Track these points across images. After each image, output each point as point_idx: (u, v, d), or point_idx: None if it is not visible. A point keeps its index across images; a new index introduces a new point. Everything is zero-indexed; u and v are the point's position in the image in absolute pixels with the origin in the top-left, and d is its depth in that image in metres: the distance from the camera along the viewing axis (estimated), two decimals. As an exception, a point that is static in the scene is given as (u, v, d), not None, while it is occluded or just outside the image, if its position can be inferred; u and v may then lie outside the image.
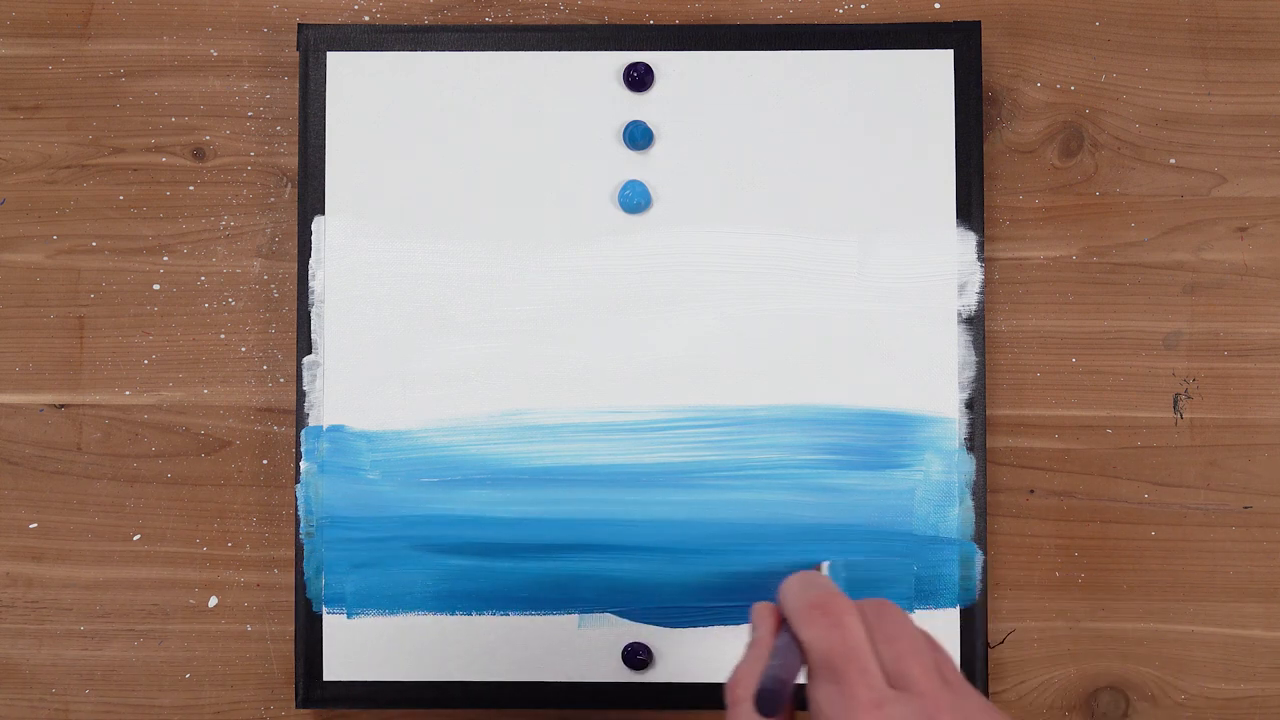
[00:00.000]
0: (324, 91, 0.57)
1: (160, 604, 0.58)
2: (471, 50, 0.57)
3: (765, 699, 0.37)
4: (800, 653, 0.39)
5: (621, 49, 0.57)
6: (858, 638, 0.37)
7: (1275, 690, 0.57)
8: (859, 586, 0.56)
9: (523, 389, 0.56)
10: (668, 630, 0.56)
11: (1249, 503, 0.57)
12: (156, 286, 0.58)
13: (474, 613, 0.56)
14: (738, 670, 0.40)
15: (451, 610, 0.56)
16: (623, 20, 0.59)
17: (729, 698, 0.39)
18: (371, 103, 0.57)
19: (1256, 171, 0.58)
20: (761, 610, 0.42)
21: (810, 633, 0.38)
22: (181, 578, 0.58)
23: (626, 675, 0.56)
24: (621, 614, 0.56)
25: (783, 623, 0.40)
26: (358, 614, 0.56)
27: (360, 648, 0.56)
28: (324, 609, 0.56)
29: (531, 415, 0.56)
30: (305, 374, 0.56)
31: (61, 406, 0.58)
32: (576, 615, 0.56)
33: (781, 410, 0.56)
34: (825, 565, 0.53)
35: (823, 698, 0.37)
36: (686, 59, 0.57)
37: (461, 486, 0.56)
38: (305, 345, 0.56)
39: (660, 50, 0.57)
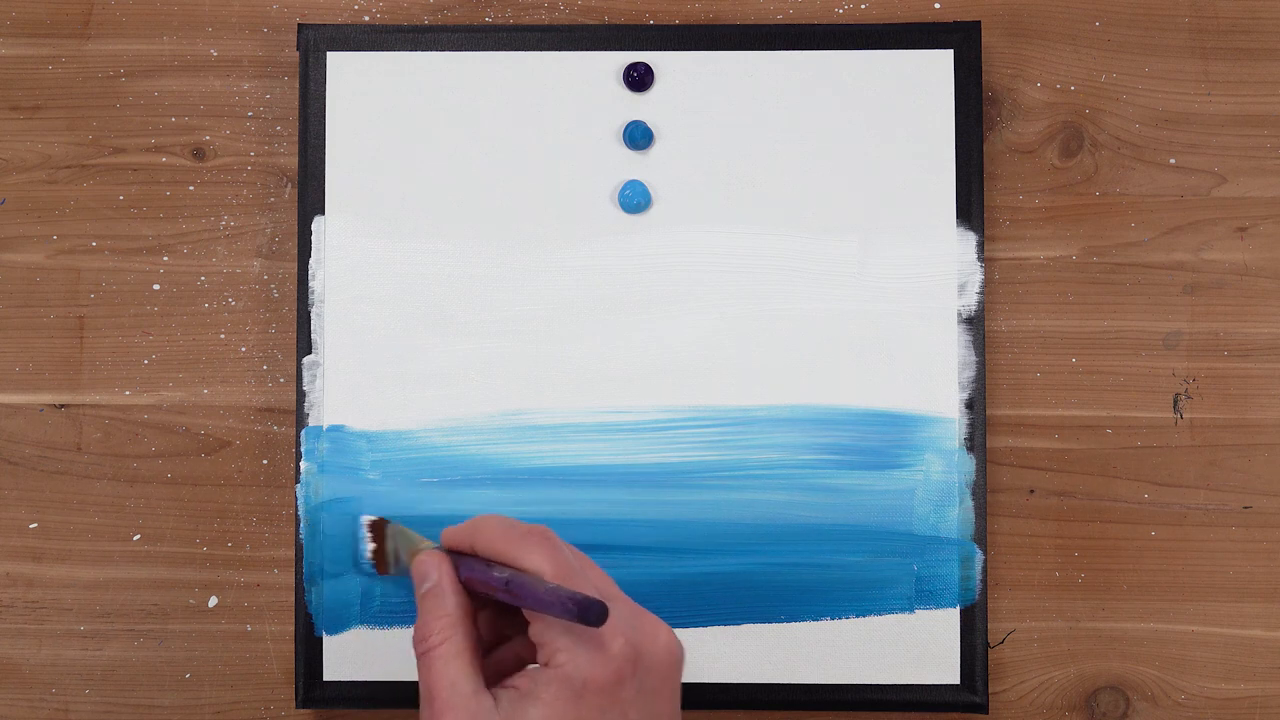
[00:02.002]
0: (324, 91, 0.57)
1: (160, 604, 0.58)
2: (471, 50, 0.57)
3: (593, 605, 0.38)
4: (528, 574, 0.40)
5: (621, 49, 0.57)
6: (572, 560, 0.41)
7: (1275, 690, 0.57)
8: (858, 587, 0.56)
9: (523, 389, 0.56)
10: (668, 630, 0.56)
11: (1249, 503, 0.57)
12: (156, 286, 0.58)
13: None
14: (424, 620, 0.40)
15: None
16: (623, 20, 0.59)
17: (420, 649, 0.40)
18: (371, 103, 0.57)
19: (1256, 171, 0.58)
20: (429, 558, 0.42)
21: (536, 557, 0.40)
22: (181, 578, 0.58)
23: (626, 675, 0.56)
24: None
25: (456, 565, 0.41)
26: (357, 627, 0.56)
27: (360, 648, 0.56)
28: (324, 634, 0.56)
29: (531, 415, 0.56)
30: (305, 374, 0.56)
31: (61, 406, 0.58)
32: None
33: (781, 410, 0.56)
34: (374, 518, 0.48)
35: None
36: (686, 59, 0.57)
37: (461, 486, 0.56)
38: (305, 345, 0.56)
39: (660, 50, 0.57)
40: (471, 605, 0.41)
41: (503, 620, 0.44)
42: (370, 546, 0.45)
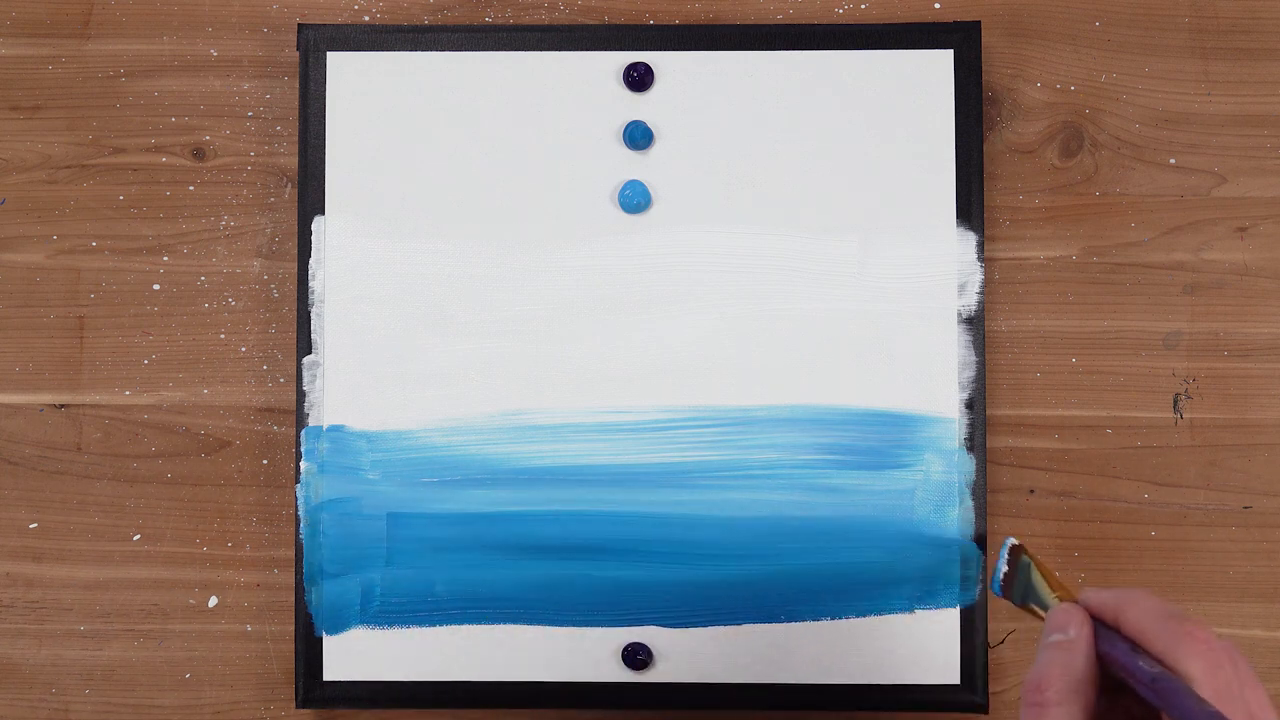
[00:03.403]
0: (324, 91, 0.57)
1: (160, 604, 0.58)
2: (471, 50, 0.57)
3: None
4: (1174, 677, 0.36)
5: (621, 49, 0.57)
6: (1235, 682, 0.36)
7: (1275, 690, 0.57)
8: (858, 587, 0.56)
9: (523, 389, 0.56)
10: (668, 630, 0.56)
11: (1249, 503, 0.57)
12: (156, 286, 0.58)
13: (473, 613, 0.56)
14: (1048, 670, 0.37)
15: (451, 610, 0.56)
16: (623, 20, 0.59)
17: (1034, 699, 0.37)
18: (371, 103, 0.57)
19: (1256, 171, 0.58)
20: (1072, 612, 0.39)
21: (1197, 667, 0.36)
22: (181, 578, 0.58)
23: (626, 675, 0.56)
24: (622, 614, 0.56)
25: (1098, 630, 0.38)
26: (357, 627, 0.56)
27: (360, 648, 0.56)
28: (324, 634, 0.56)
29: (531, 415, 0.56)
30: (305, 374, 0.56)
31: (61, 406, 0.58)
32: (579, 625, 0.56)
33: (781, 410, 0.56)
34: (1018, 543, 0.47)
35: None
36: (686, 59, 0.57)
37: (461, 486, 0.56)
38: (305, 345, 0.56)
39: (660, 50, 0.57)
40: (1099, 678, 0.38)
41: (1118, 708, 0.40)
42: (1005, 569, 0.44)
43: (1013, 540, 0.44)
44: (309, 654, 0.56)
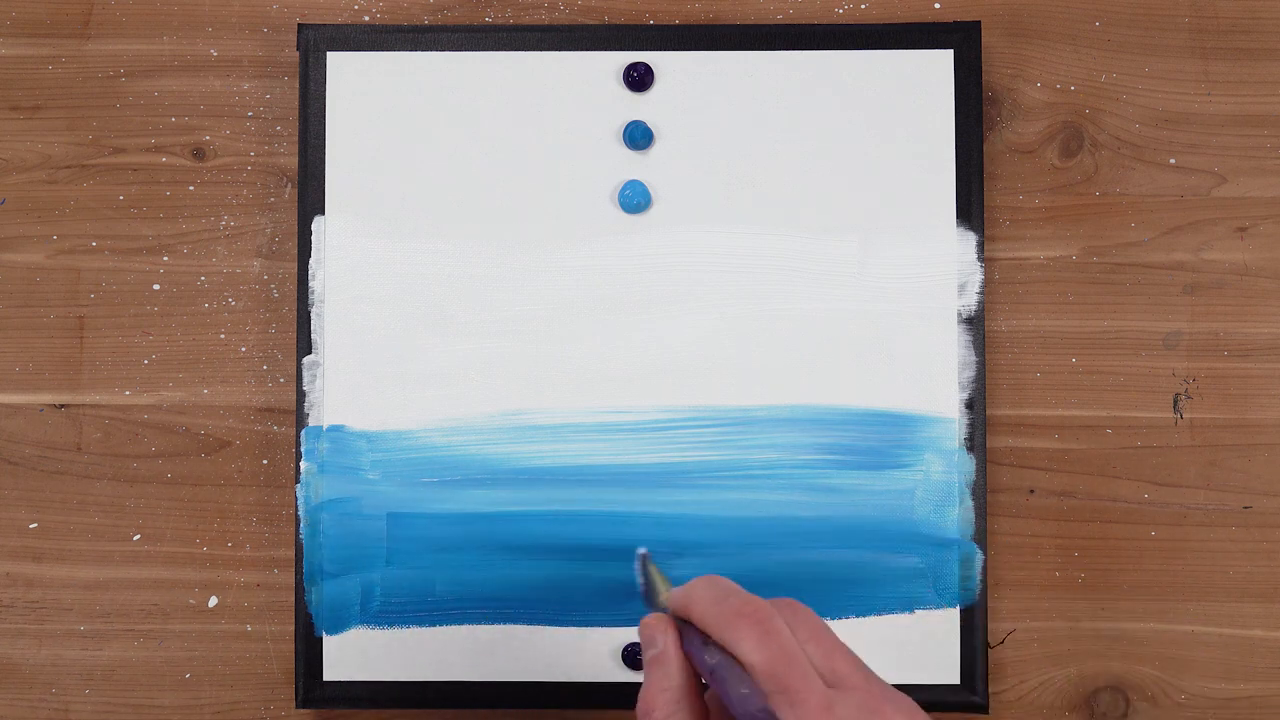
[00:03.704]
0: (324, 91, 0.57)
1: (160, 604, 0.58)
2: (471, 50, 0.57)
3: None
4: (737, 662, 0.36)
5: (621, 49, 0.57)
6: (792, 643, 0.36)
7: (1275, 690, 0.57)
8: (858, 586, 0.56)
9: (523, 389, 0.56)
10: (668, 630, 0.56)
11: (1249, 503, 0.57)
12: (156, 286, 0.58)
13: (474, 613, 0.56)
14: (649, 690, 0.37)
15: (451, 610, 0.56)
16: (623, 20, 0.59)
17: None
18: (371, 103, 0.57)
19: (1256, 171, 0.58)
20: (656, 624, 0.38)
21: (746, 645, 0.36)
22: (181, 578, 0.58)
23: (626, 675, 0.56)
24: (622, 614, 0.56)
25: (681, 632, 0.38)
26: (357, 627, 0.56)
27: (360, 648, 0.56)
28: (324, 634, 0.56)
29: (531, 415, 0.56)
30: (305, 374, 0.56)
31: (61, 406, 0.58)
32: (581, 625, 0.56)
33: (781, 410, 0.56)
34: (643, 552, 0.45)
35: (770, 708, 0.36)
36: (686, 59, 0.57)
37: (461, 486, 0.56)
38: (305, 345, 0.56)
39: (660, 50, 0.57)
40: (696, 679, 0.38)
41: None
42: (641, 580, 0.43)
43: (641, 550, 0.42)
44: (309, 654, 0.56)
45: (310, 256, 0.56)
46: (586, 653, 0.56)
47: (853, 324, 0.56)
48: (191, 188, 0.59)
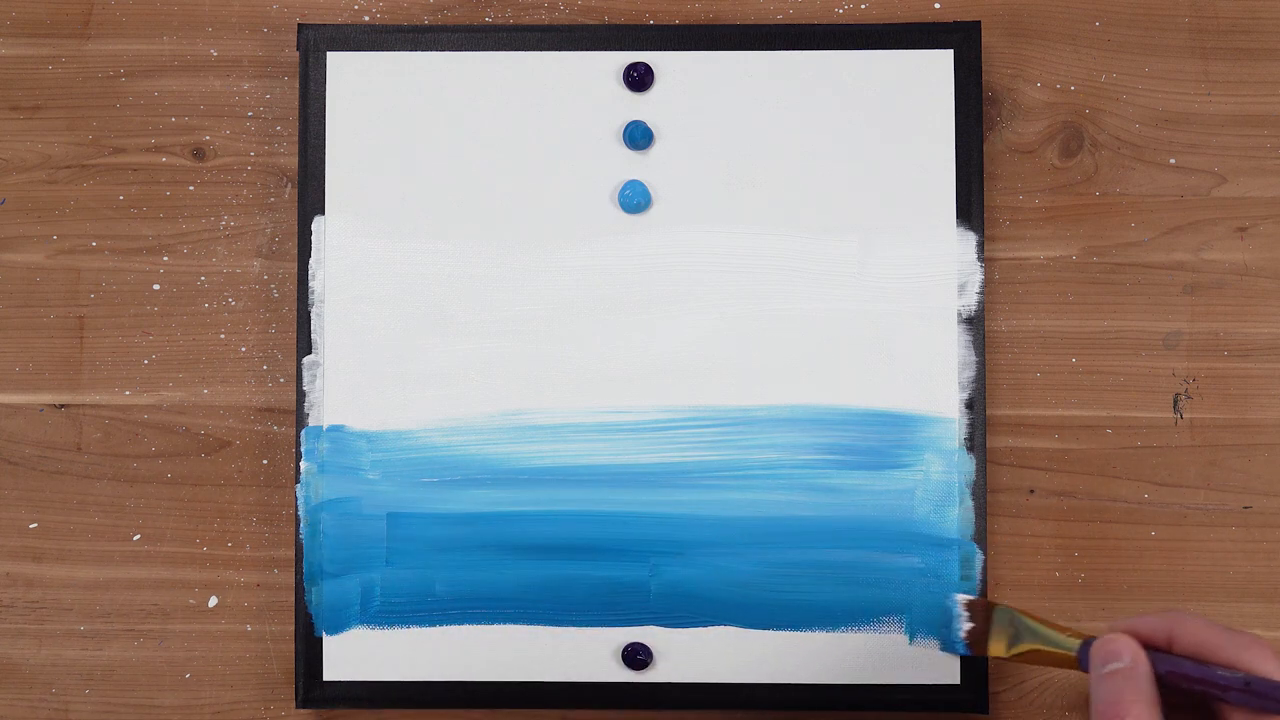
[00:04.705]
0: (324, 91, 0.57)
1: (160, 604, 0.58)
2: (471, 50, 0.57)
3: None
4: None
5: (621, 49, 0.57)
6: None
7: (1275, 690, 0.57)
8: (860, 587, 0.55)
9: (523, 389, 0.56)
10: (667, 630, 0.56)
11: (1249, 503, 0.57)
12: (156, 286, 0.58)
13: (474, 613, 0.56)
14: (1120, 700, 0.39)
15: (451, 610, 0.56)
16: (623, 20, 0.59)
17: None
18: (371, 103, 0.57)
19: (1256, 171, 0.58)
20: (1123, 641, 0.41)
21: (1272, 663, 0.39)
22: (181, 578, 0.58)
23: (626, 675, 0.56)
24: (622, 614, 0.56)
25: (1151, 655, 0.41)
26: (357, 627, 0.56)
27: (360, 648, 0.56)
28: (324, 634, 0.56)
29: (531, 415, 0.56)
30: (305, 374, 0.56)
31: (61, 406, 0.58)
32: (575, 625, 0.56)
33: (781, 410, 0.56)
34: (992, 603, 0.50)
35: None
36: (686, 59, 0.57)
37: (461, 486, 0.56)
38: (305, 345, 0.56)
39: (660, 50, 0.57)
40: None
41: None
42: (969, 626, 0.47)
43: (965, 597, 0.46)
44: (309, 654, 0.56)
45: (310, 256, 0.56)
46: (586, 653, 0.56)
47: (853, 324, 0.56)
48: (191, 188, 0.59)
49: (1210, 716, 0.41)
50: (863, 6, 0.58)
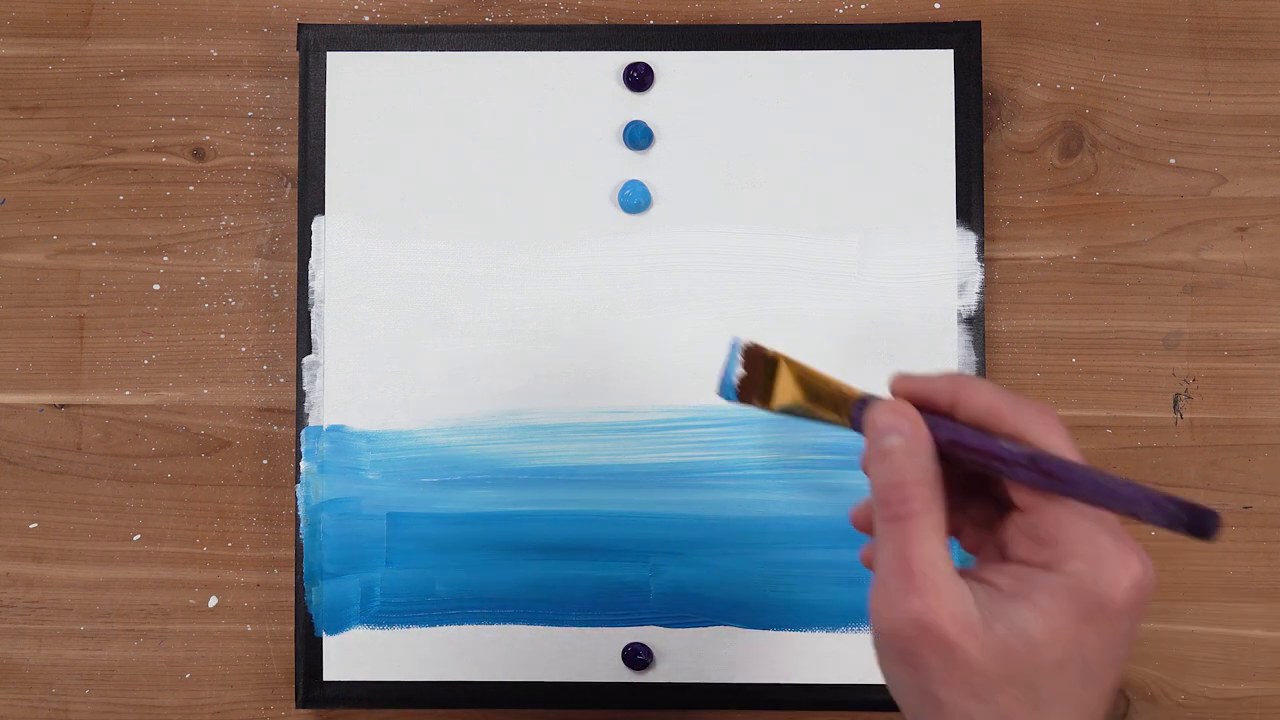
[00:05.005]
0: (324, 91, 0.57)
1: (160, 604, 0.58)
2: (471, 50, 0.57)
3: (1208, 515, 0.32)
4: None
5: (621, 49, 0.57)
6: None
7: (1275, 690, 0.57)
8: (860, 587, 0.55)
9: (523, 389, 0.56)
10: (668, 630, 0.56)
11: (1249, 503, 0.57)
12: (156, 286, 0.58)
13: (474, 613, 0.56)
14: (897, 480, 0.34)
15: (451, 610, 0.56)
16: (623, 20, 0.59)
17: (895, 510, 0.34)
18: (371, 103, 0.57)
19: (1256, 171, 0.58)
20: (902, 411, 0.36)
21: (1058, 438, 0.34)
22: (181, 578, 0.58)
23: (626, 675, 0.56)
24: (622, 614, 0.56)
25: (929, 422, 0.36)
26: (357, 627, 0.56)
27: (360, 648, 0.56)
28: (324, 634, 0.56)
29: (532, 415, 0.56)
30: (305, 374, 0.56)
31: (61, 406, 0.58)
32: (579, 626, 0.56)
33: (781, 410, 0.56)
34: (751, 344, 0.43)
35: None
36: (686, 59, 0.57)
37: (461, 486, 0.56)
38: (305, 345, 0.56)
39: (660, 50, 0.57)
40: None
41: (959, 514, 0.38)
42: (741, 373, 0.40)
43: (742, 340, 0.39)
44: (309, 654, 0.56)
45: (310, 256, 0.56)
46: (586, 653, 0.56)
47: (853, 324, 0.56)
48: (191, 188, 0.59)
49: (989, 489, 0.38)
50: (863, 6, 0.58)
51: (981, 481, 0.38)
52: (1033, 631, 0.33)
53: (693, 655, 0.56)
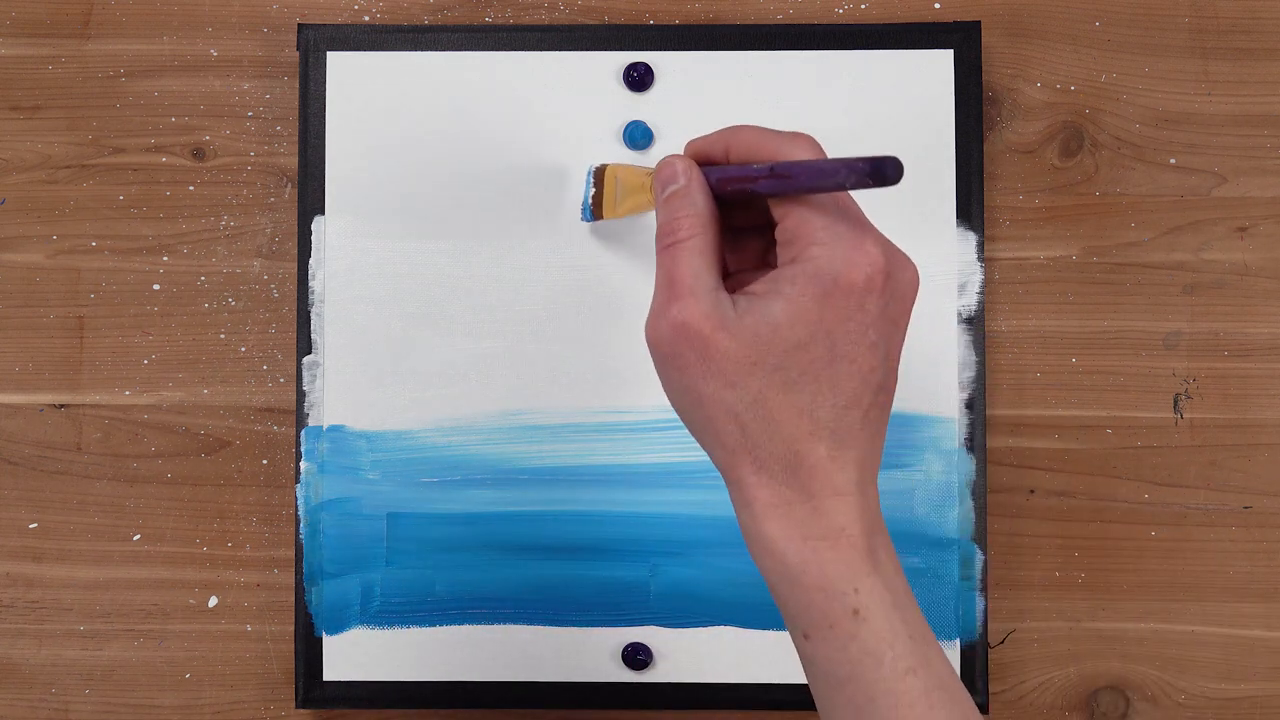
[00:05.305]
0: (324, 91, 0.57)
1: (160, 604, 0.58)
2: (471, 50, 0.57)
3: (889, 160, 0.35)
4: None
5: (621, 49, 0.57)
6: None
7: (1275, 690, 0.57)
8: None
9: (523, 389, 0.56)
10: (668, 630, 0.56)
11: (1249, 503, 0.57)
12: (156, 286, 0.58)
13: (473, 613, 0.56)
14: (671, 217, 0.39)
15: (451, 610, 0.56)
16: (623, 20, 0.59)
17: (666, 242, 0.39)
18: (371, 103, 0.57)
19: (1256, 171, 0.58)
20: (679, 161, 0.41)
21: (805, 151, 0.39)
22: (181, 578, 0.58)
23: (626, 675, 0.56)
24: (622, 614, 0.56)
25: (708, 170, 0.40)
26: (357, 627, 0.56)
27: (360, 648, 0.56)
28: (324, 634, 0.56)
29: (531, 415, 0.56)
30: (305, 374, 0.56)
31: (61, 406, 0.58)
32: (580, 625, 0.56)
33: (781, 410, 0.56)
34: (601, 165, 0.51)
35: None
36: (686, 59, 0.57)
37: (461, 486, 0.56)
38: (305, 345, 0.56)
39: (660, 50, 0.57)
40: (718, 212, 0.40)
41: (741, 254, 0.42)
42: (593, 191, 0.47)
43: (594, 164, 0.46)
44: (309, 654, 0.56)
45: (310, 256, 0.56)
46: (586, 653, 0.56)
47: (853, 324, 0.56)
48: (191, 188, 0.59)
49: (769, 232, 0.41)
50: (863, 6, 0.58)
51: (762, 225, 0.42)
52: (776, 315, 0.36)
53: (693, 655, 0.56)
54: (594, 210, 0.48)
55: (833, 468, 0.37)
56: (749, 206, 0.41)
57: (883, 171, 0.35)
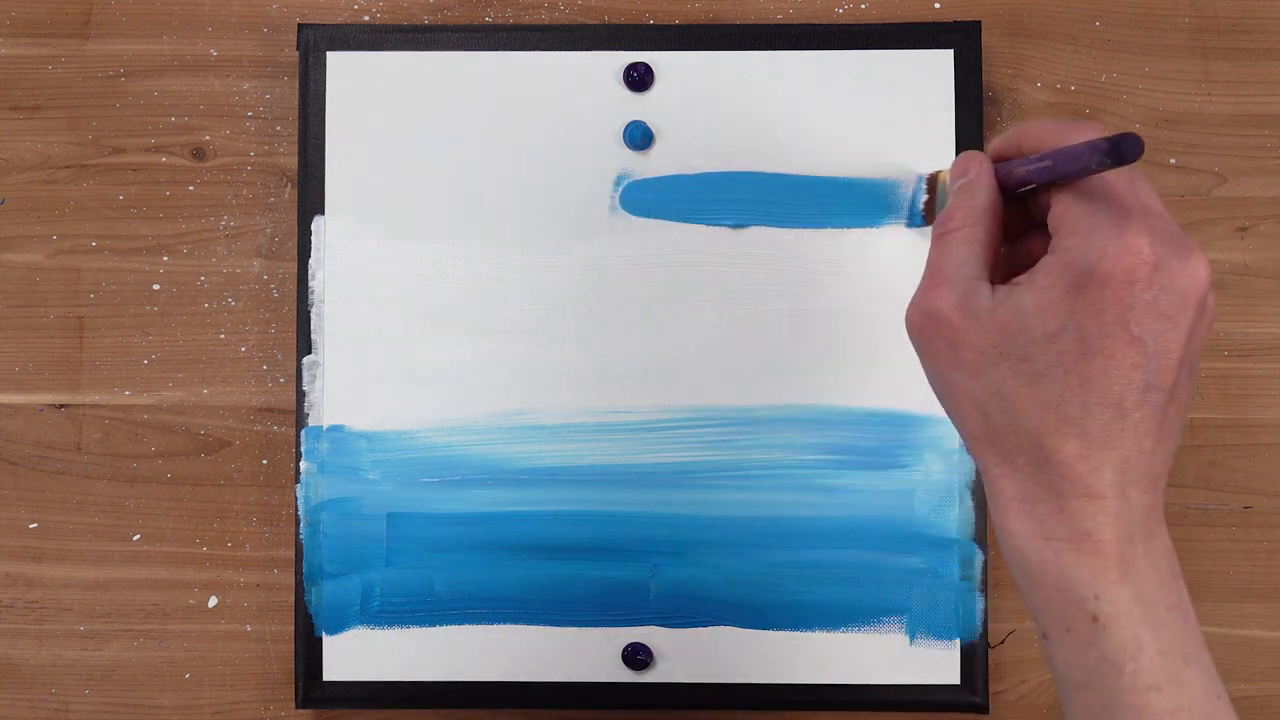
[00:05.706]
0: (324, 91, 0.57)
1: (160, 604, 0.58)
2: (471, 50, 0.57)
3: (1126, 137, 0.34)
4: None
5: (621, 49, 0.57)
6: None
7: (1275, 690, 0.57)
8: (860, 587, 0.56)
9: (523, 389, 0.56)
10: (668, 630, 0.56)
11: (1249, 503, 0.57)
12: (156, 286, 0.58)
13: (473, 613, 0.56)
14: (952, 208, 0.39)
15: (451, 610, 0.56)
16: (623, 20, 0.59)
17: (940, 230, 0.38)
18: (371, 103, 0.57)
19: (1256, 171, 0.58)
20: (973, 156, 0.40)
21: (1091, 132, 0.37)
22: (181, 578, 0.58)
23: (626, 675, 0.56)
24: (622, 614, 0.56)
25: (1002, 165, 0.39)
26: (356, 627, 0.56)
27: (360, 647, 0.56)
28: (324, 634, 0.56)
29: (531, 415, 0.56)
30: (305, 374, 0.56)
31: (61, 406, 0.58)
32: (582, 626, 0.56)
33: (782, 410, 0.56)
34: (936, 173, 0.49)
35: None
36: (686, 59, 0.57)
37: (461, 486, 0.56)
38: (305, 345, 0.56)
39: (660, 50, 0.57)
40: (1003, 209, 0.39)
41: (1020, 252, 0.41)
42: (924, 198, 0.47)
43: (925, 172, 0.45)
44: (309, 654, 0.56)
45: (310, 256, 0.56)
46: (586, 653, 0.56)
47: (853, 324, 0.56)
48: (191, 188, 0.59)
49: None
50: (863, 6, 0.58)
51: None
52: (1025, 306, 0.35)
53: (693, 655, 0.56)
54: (925, 216, 0.48)
55: (1084, 468, 0.35)
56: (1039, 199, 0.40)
57: (1119, 149, 0.34)
